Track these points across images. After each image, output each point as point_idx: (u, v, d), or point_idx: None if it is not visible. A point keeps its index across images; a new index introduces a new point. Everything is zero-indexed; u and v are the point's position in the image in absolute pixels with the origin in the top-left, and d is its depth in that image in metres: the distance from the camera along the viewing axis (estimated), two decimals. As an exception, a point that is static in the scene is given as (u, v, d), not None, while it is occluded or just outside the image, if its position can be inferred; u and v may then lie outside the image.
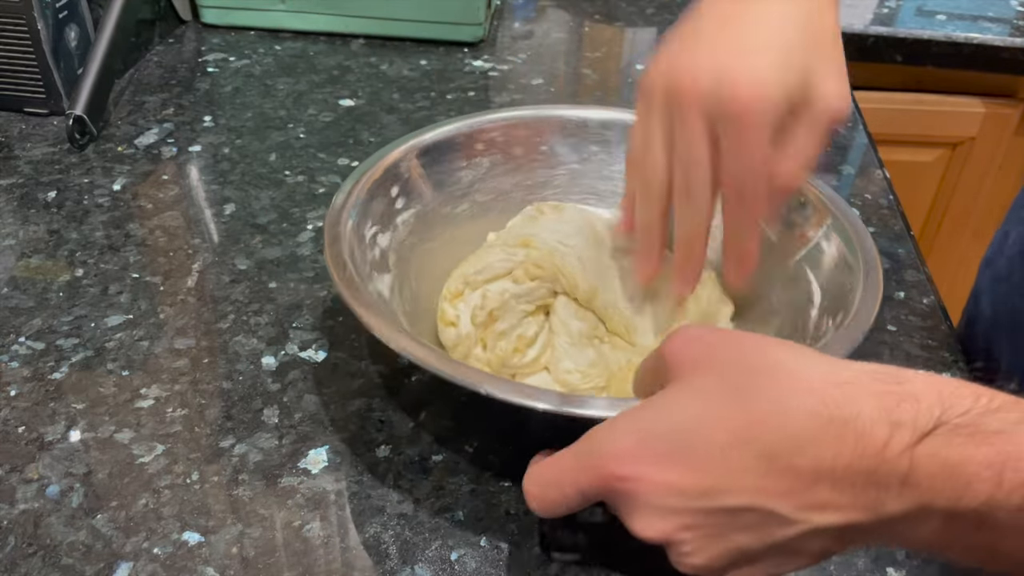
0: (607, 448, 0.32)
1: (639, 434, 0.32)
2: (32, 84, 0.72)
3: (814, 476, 0.28)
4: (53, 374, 0.48)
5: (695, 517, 0.31)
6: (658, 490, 0.31)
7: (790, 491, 0.29)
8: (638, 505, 0.31)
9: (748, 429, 0.30)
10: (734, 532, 0.30)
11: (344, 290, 0.42)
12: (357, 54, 0.88)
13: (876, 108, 0.99)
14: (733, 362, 0.32)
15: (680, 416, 0.31)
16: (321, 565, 0.39)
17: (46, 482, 0.42)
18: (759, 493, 0.29)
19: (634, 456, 0.31)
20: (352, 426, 0.46)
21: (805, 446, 0.29)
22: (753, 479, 0.29)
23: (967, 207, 1.13)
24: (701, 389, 0.31)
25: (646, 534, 0.32)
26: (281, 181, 0.66)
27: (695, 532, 0.31)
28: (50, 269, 0.56)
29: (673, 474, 0.30)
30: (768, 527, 0.30)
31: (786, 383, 0.30)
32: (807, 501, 0.29)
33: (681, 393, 0.32)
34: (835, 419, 0.28)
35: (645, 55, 0.93)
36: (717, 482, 0.30)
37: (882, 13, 1.06)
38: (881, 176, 0.71)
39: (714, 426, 0.30)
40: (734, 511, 0.30)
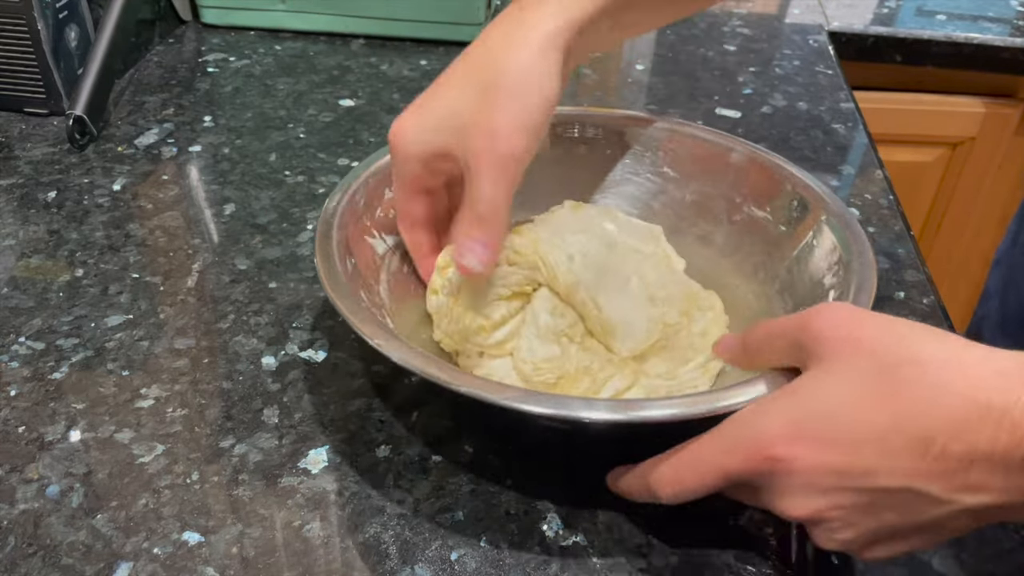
0: (761, 430, 0.33)
1: (794, 416, 0.33)
2: (32, 84, 0.72)
3: (969, 460, 0.29)
4: (53, 374, 0.48)
5: (848, 496, 0.32)
6: (815, 470, 0.32)
7: (944, 474, 0.30)
8: (791, 485, 0.32)
9: (904, 414, 0.31)
10: (884, 511, 0.32)
11: (331, 291, 0.41)
12: (357, 54, 0.88)
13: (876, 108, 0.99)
14: (886, 346, 0.32)
15: (836, 399, 0.32)
16: (321, 565, 0.39)
17: (46, 482, 0.42)
18: (914, 475, 0.30)
19: (790, 437, 0.32)
20: (352, 426, 0.46)
21: (961, 431, 0.29)
22: (909, 462, 0.30)
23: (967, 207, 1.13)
24: (855, 372, 0.32)
25: (796, 512, 0.33)
26: (281, 181, 0.66)
27: (846, 511, 0.32)
28: (50, 269, 0.56)
29: (830, 455, 0.31)
30: (919, 506, 0.31)
31: (942, 369, 0.31)
32: (960, 483, 0.30)
33: (834, 376, 0.33)
34: (992, 407, 0.29)
35: (645, 55, 0.93)
36: (873, 464, 0.31)
37: (882, 13, 1.06)
38: (881, 176, 0.71)
39: (870, 409, 0.31)
40: (888, 491, 0.31)
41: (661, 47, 0.94)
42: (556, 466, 0.44)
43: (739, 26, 0.99)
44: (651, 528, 0.41)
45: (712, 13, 1.03)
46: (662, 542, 0.40)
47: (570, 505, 0.42)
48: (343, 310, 0.40)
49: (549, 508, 0.42)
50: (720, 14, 1.03)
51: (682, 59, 0.90)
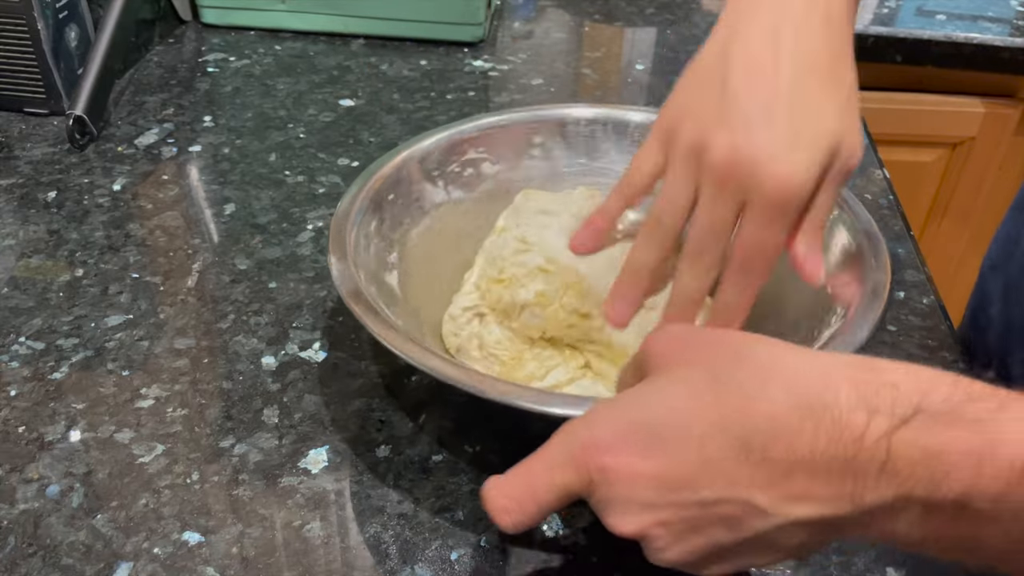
0: (586, 439, 0.32)
1: (617, 424, 0.32)
2: (32, 84, 0.72)
3: (790, 465, 0.28)
4: (53, 374, 0.48)
5: (670, 511, 0.30)
6: (635, 481, 0.31)
7: (766, 482, 0.29)
8: (617, 497, 0.31)
9: (724, 419, 0.30)
10: (709, 526, 0.30)
11: (348, 298, 0.41)
12: (357, 54, 0.88)
13: (876, 108, 0.99)
14: (711, 355, 0.32)
15: (658, 407, 0.31)
16: (321, 565, 0.39)
17: (46, 482, 0.42)
18: (735, 485, 0.29)
19: (613, 446, 0.31)
20: (352, 426, 0.46)
21: (781, 435, 0.28)
22: (729, 469, 0.29)
23: (967, 207, 1.13)
24: (679, 380, 0.32)
25: (621, 529, 0.32)
26: (281, 181, 0.66)
27: (669, 528, 0.31)
28: (50, 269, 0.56)
29: (650, 464, 0.30)
30: (744, 520, 0.29)
31: (762, 374, 0.30)
32: (784, 492, 0.29)
33: (659, 384, 0.32)
34: (812, 407, 0.28)
35: (645, 55, 0.93)
36: (693, 473, 0.30)
37: (882, 13, 1.06)
38: (881, 176, 0.71)
39: (690, 416, 0.30)
40: (710, 503, 0.30)
41: (661, 47, 0.94)
42: (556, 466, 0.44)
43: (739, 26, 0.99)
44: (651, 528, 0.41)
45: (712, 13, 1.03)
46: (662, 542, 0.40)
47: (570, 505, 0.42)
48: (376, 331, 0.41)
49: (549, 508, 0.42)
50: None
51: (682, 59, 0.90)
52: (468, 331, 0.48)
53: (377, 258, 0.47)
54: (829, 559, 0.40)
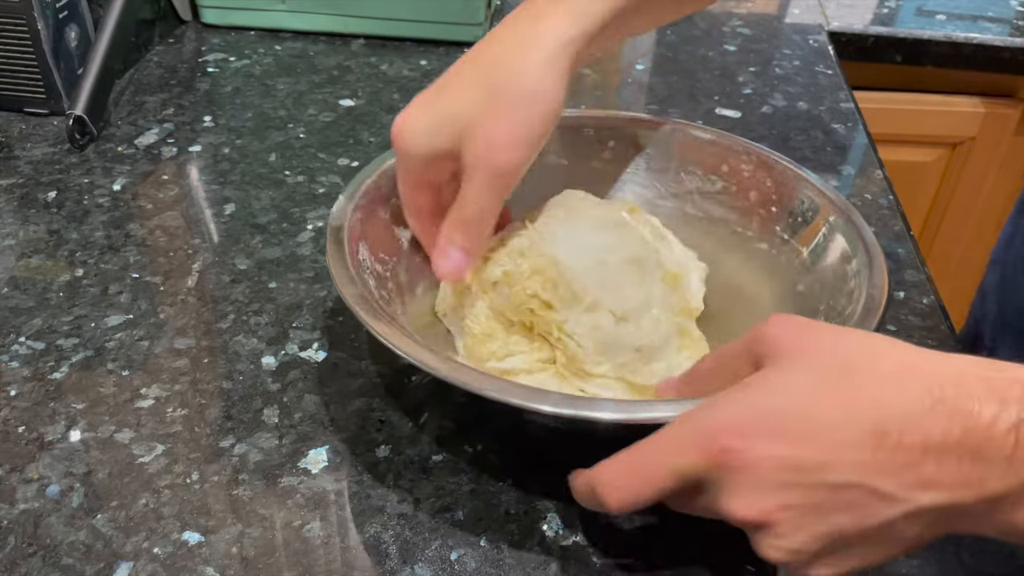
0: (712, 423, 0.32)
1: (748, 410, 0.32)
2: (32, 84, 0.72)
3: (922, 452, 0.29)
4: (53, 374, 0.48)
5: (799, 494, 0.30)
6: (767, 462, 0.31)
7: (898, 468, 0.29)
8: (742, 481, 0.31)
9: (858, 407, 0.30)
10: (834, 512, 0.30)
11: (349, 296, 0.41)
12: (357, 54, 0.88)
13: (876, 108, 0.99)
14: (838, 346, 0.32)
15: (789, 394, 0.31)
16: (321, 565, 0.39)
17: (46, 482, 0.42)
18: (868, 469, 0.30)
19: (744, 430, 0.31)
20: (352, 426, 0.46)
21: (916, 423, 0.29)
22: (862, 454, 0.30)
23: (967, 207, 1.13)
24: (809, 370, 0.32)
25: (744, 514, 0.31)
26: (281, 181, 0.66)
27: (795, 512, 0.31)
28: (50, 269, 0.56)
29: (783, 448, 0.30)
30: (871, 506, 0.30)
31: (896, 366, 0.31)
32: (913, 479, 0.29)
33: (787, 372, 0.32)
34: (945, 399, 0.29)
35: (645, 55, 0.93)
36: (826, 456, 0.30)
37: (882, 13, 1.06)
38: (881, 176, 0.71)
39: (825, 403, 0.31)
40: (839, 487, 0.30)
41: (661, 47, 0.94)
42: (556, 466, 0.44)
43: (739, 26, 0.99)
44: (651, 528, 0.41)
45: (712, 13, 1.03)
46: (662, 542, 0.40)
47: (570, 505, 0.42)
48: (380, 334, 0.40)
49: (549, 508, 0.42)
50: (720, 14, 1.03)
51: (682, 59, 0.90)
52: (454, 300, 0.48)
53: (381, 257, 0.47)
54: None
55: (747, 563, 0.39)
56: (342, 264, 0.43)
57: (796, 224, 0.51)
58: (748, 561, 0.39)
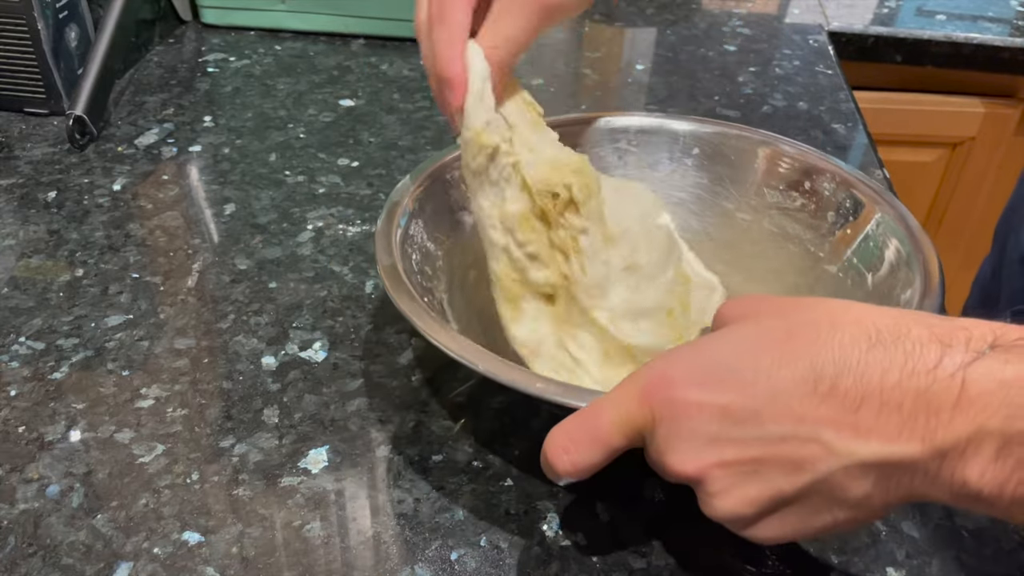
0: (656, 374, 0.31)
1: (686, 361, 0.31)
2: (32, 84, 0.72)
3: (859, 398, 0.28)
4: (53, 374, 0.48)
5: (733, 448, 0.30)
6: (700, 414, 0.30)
7: (833, 416, 0.28)
8: (679, 432, 0.31)
9: (793, 353, 0.29)
10: (771, 469, 0.29)
11: (402, 303, 0.41)
12: (357, 54, 0.88)
13: (876, 108, 0.99)
14: (782, 306, 0.32)
15: (728, 346, 0.31)
16: (321, 565, 0.39)
17: (46, 482, 0.42)
18: (802, 419, 0.28)
19: (680, 380, 0.31)
20: (352, 426, 0.46)
21: (850, 367, 0.28)
22: (796, 403, 0.28)
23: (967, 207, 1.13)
24: (749, 325, 0.31)
25: (680, 468, 0.31)
26: (281, 181, 0.66)
27: (729, 469, 0.30)
28: (50, 269, 0.56)
29: (717, 397, 0.30)
30: (807, 461, 0.29)
31: (833, 315, 0.30)
32: (850, 427, 0.28)
33: (730, 331, 0.32)
34: (883, 341, 0.28)
35: (645, 55, 0.93)
36: (759, 406, 0.29)
37: (882, 13, 1.06)
38: (881, 176, 0.71)
39: (760, 352, 0.30)
40: (774, 440, 0.29)
41: (661, 47, 0.94)
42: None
43: (739, 26, 0.99)
44: (651, 528, 0.41)
45: (712, 13, 1.03)
46: (662, 542, 0.40)
47: (570, 505, 0.42)
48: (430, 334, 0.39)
49: (549, 508, 0.42)
50: (720, 14, 1.03)
51: (682, 59, 0.90)
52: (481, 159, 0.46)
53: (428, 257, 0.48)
54: (829, 559, 0.40)
55: (747, 563, 0.39)
56: (385, 236, 0.44)
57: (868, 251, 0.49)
58: (748, 561, 0.39)
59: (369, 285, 0.56)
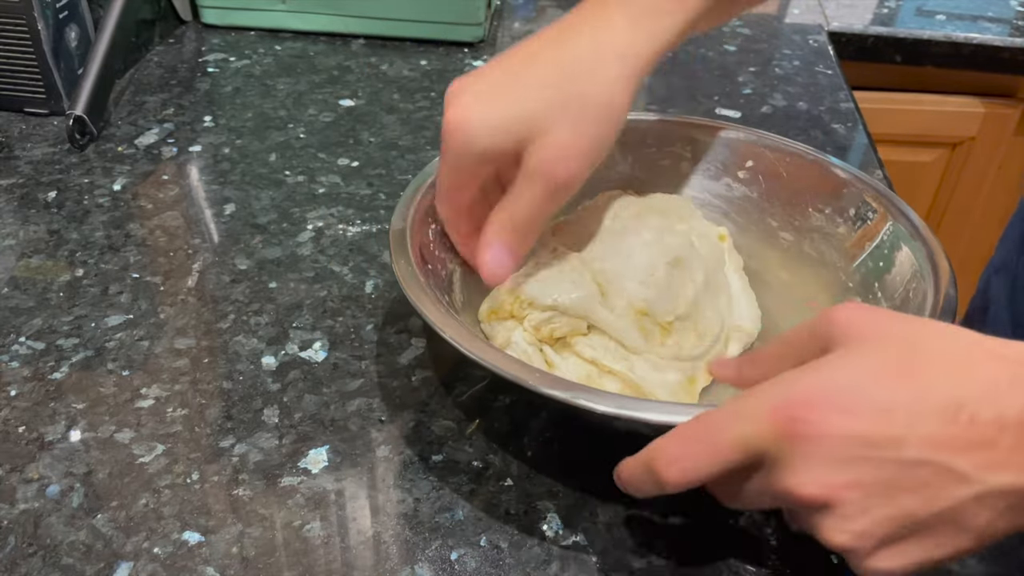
0: (784, 396, 0.31)
1: (821, 384, 0.31)
2: (32, 84, 0.72)
3: (998, 429, 0.28)
4: (53, 374, 0.48)
5: (868, 470, 0.29)
6: (838, 437, 0.29)
7: (972, 445, 0.28)
8: (810, 454, 0.30)
9: (934, 381, 0.29)
10: (904, 491, 0.29)
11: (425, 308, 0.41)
12: (357, 54, 0.88)
13: (876, 108, 0.99)
14: (909, 329, 0.31)
15: (863, 372, 0.30)
16: (321, 565, 0.39)
17: (46, 482, 0.42)
18: (940, 446, 0.29)
19: (816, 403, 0.30)
20: (352, 426, 0.46)
21: (992, 399, 0.28)
22: (937, 428, 0.29)
23: (967, 207, 1.13)
24: (881, 350, 0.31)
25: (809, 490, 0.30)
26: (281, 181, 0.66)
27: (863, 490, 0.30)
28: (50, 269, 0.56)
29: (855, 422, 0.29)
30: (942, 487, 0.29)
31: (968, 347, 0.30)
32: (987, 458, 0.28)
33: (858, 353, 0.31)
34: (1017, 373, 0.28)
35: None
36: (899, 431, 0.29)
37: (882, 13, 1.06)
38: (881, 176, 0.71)
39: (898, 381, 0.30)
40: (910, 464, 0.29)
41: (661, 47, 0.94)
42: (556, 466, 0.44)
43: (739, 26, 0.99)
44: (651, 528, 0.41)
45: (712, 13, 1.03)
46: (662, 542, 0.40)
47: (570, 505, 0.42)
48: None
49: (549, 508, 0.42)
50: (720, 14, 1.03)
51: (682, 59, 0.90)
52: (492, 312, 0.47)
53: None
54: (829, 559, 0.40)
55: (747, 563, 0.39)
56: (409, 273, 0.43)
57: (893, 285, 0.49)
58: (749, 561, 0.39)
59: (369, 285, 0.56)
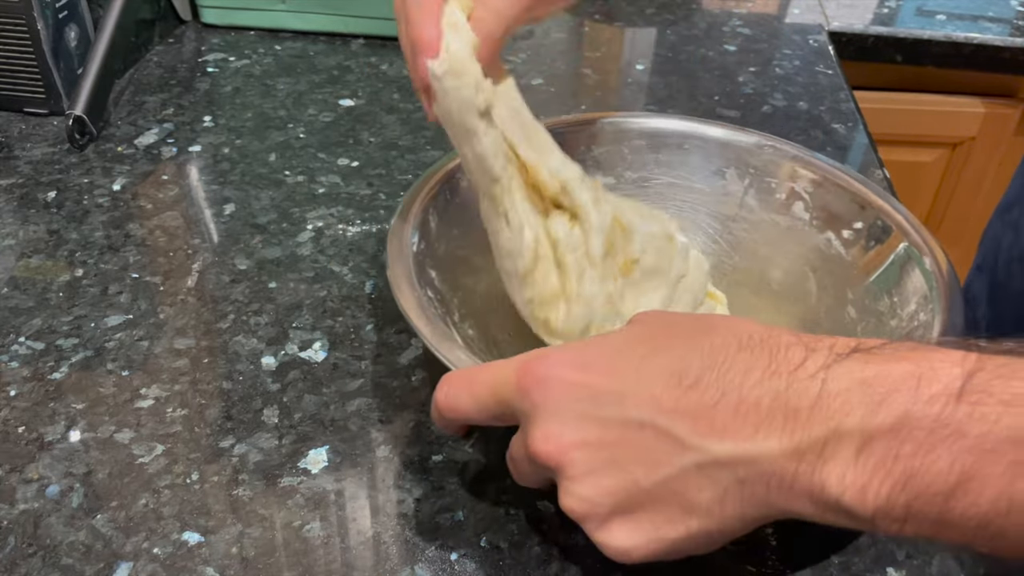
0: (539, 355, 0.33)
1: (569, 349, 0.32)
2: (32, 84, 0.72)
3: (720, 393, 0.28)
4: (53, 374, 0.48)
5: (593, 429, 0.30)
6: (568, 389, 0.31)
7: (692, 409, 0.28)
8: (544, 411, 0.31)
9: (666, 346, 0.30)
10: (628, 458, 0.29)
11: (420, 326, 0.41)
12: (357, 54, 0.88)
13: (876, 108, 0.99)
14: (673, 315, 0.34)
15: (609, 339, 0.32)
16: (321, 565, 0.39)
17: (46, 482, 0.42)
18: (660, 407, 0.29)
19: (557, 360, 0.32)
20: (352, 426, 0.46)
21: (718, 363, 0.28)
22: (659, 392, 0.29)
23: (967, 207, 1.13)
24: (636, 325, 0.33)
25: (541, 447, 0.31)
26: (281, 181, 0.66)
27: (588, 451, 0.30)
28: (50, 269, 0.56)
29: (585, 376, 0.31)
30: (661, 452, 0.29)
31: (711, 320, 0.31)
32: (707, 423, 0.28)
33: (612, 334, 0.33)
34: (752, 344, 0.28)
35: (645, 55, 0.93)
36: (625, 388, 0.30)
37: (882, 13, 1.06)
38: (881, 176, 0.71)
39: (637, 343, 0.31)
40: (632, 424, 0.29)
41: (661, 47, 0.94)
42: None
43: (739, 26, 0.99)
44: (651, 528, 0.41)
45: (712, 13, 1.03)
46: (662, 542, 0.40)
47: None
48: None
49: (549, 508, 0.42)
50: (720, 14, 1.03)
51: (682, 59, 0.90)
52: None
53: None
54: (829, 559, 0.40)
55: (747, 563, 0.39)
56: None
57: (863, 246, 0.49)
58: (748, 561, 0.39)
59: (369, 285, 0.56)
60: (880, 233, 0.49)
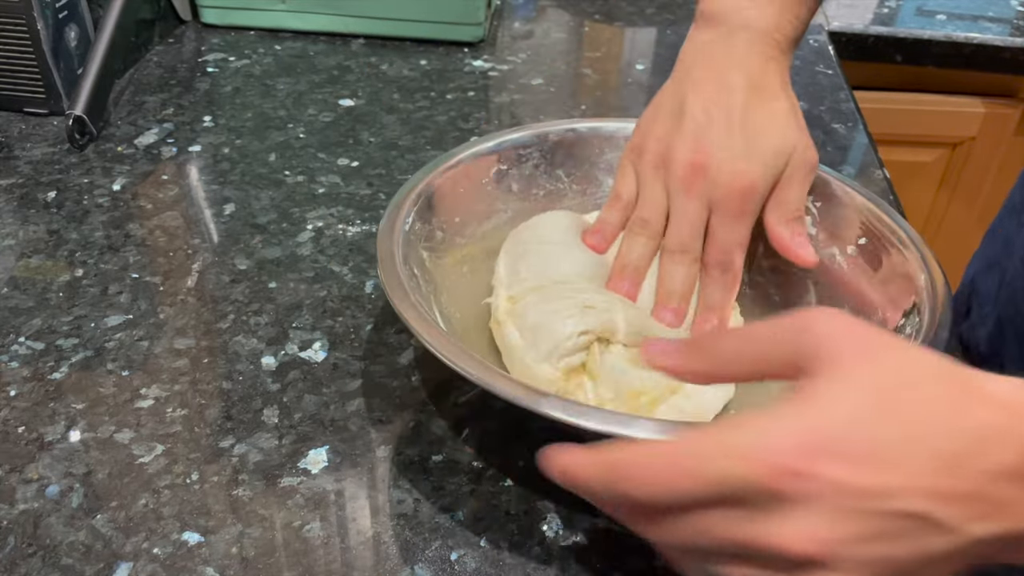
0: (775, 439, 0.28)
1: (812, 428, 0.28)
2: (32, 84, 0.72)
3: (991, 480, 0.27)
4: (53, 374, 0.48)
5: (857, 524, 0.28)
6: (833, 489, 0.28)
7: (960, 497, 0.27)
8: (803, 508, 0.28)
9: (927, 427, 0.28)
10: (892, 543, 0.28)
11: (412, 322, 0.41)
12: (357, 54, 0.88)
13: (876, 108, 0.99)
14: (896, 359, 0.30)
15: (854, 413, 0.28)
16: (321, 565, 0.39)
17: (46, 482, 0.42)
18: (929, 497, 0.27)
19: (810, 451, 0.28)
20: (352, 426, 0.46)
21: (983, 447, 0.27)
22: (928, 480, 0.27)
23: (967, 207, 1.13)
24: (869, 380, 0.29)
25: (801, 546, 0.28)
26: (281, 181, 0.66)
27: (853, 546, 0.28)
28: (50, 269, 0.56)
29: (848, 472, 0.28)
30: (927, 537, 0.28)
31: (960, 385, 0.29)
32: (973, 510, 0.28)
33: (846, 383, 0.29)
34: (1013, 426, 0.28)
35: (645, 55, 0.93)
36: (892, 482, 0.28)
37: (882, 13, 1.06)
38: (881, 176, 0.71)
39: (892, 425, 0.28)
40: (900, 515, 0.28)
41: (661, 47, 0.94)
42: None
43: (739, 26, 0.99)
44: (651, 528, 0.41)
45: (712, 13, 1.03)
46: (662, 542, 0.40)
47: (570, 505, 0.42)
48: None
49: (549, 508, 0.42)
50: (720, 14, 1.03)
51: (682, 59, 0.90)
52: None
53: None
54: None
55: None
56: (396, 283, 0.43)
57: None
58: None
59: (369, 285, 0.56)
60: (881, 249, 0.50)
